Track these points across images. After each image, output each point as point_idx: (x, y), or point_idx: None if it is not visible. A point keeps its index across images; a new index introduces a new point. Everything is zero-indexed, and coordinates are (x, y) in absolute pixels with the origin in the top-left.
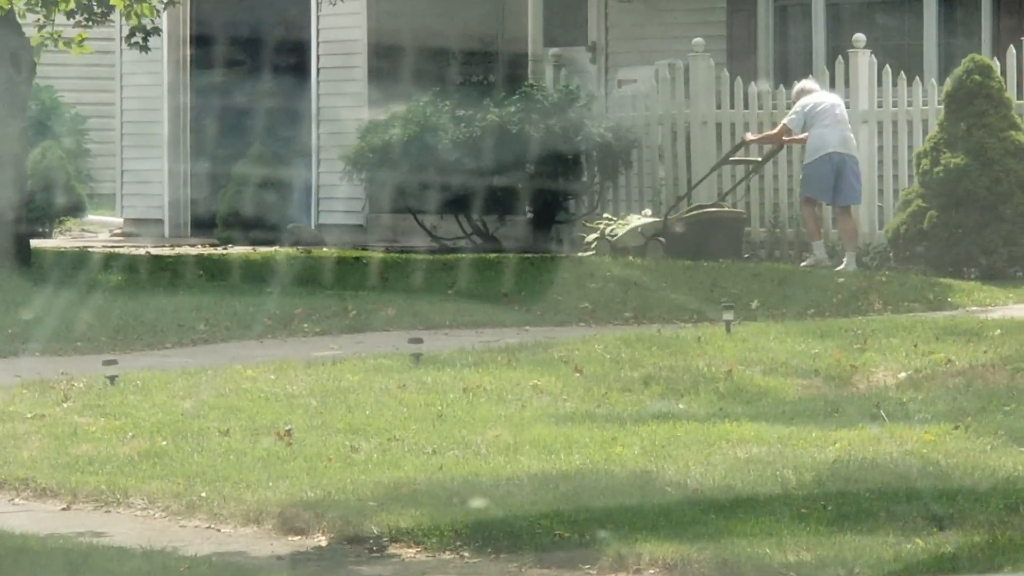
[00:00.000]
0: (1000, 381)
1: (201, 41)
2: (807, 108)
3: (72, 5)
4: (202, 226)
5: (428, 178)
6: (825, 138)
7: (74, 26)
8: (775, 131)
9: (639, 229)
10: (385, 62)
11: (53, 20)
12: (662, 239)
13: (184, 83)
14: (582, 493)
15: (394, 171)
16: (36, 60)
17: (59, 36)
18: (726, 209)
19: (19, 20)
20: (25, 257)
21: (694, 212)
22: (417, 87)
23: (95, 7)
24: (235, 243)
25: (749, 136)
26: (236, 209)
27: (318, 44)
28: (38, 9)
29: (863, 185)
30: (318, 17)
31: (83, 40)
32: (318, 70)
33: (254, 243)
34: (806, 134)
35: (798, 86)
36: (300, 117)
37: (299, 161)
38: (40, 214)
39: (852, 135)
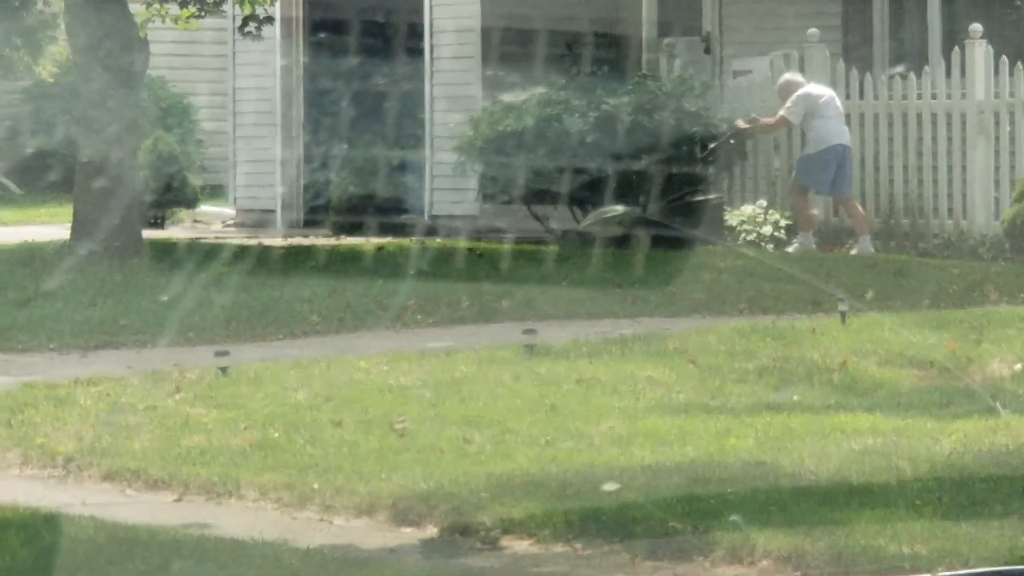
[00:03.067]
0: None
1: (315, 26)
2: (807, 100)
3: None
4: (316, 216)
5: (541, 169)
6: (831, 130)
7: (186, 16)
8: (773, 122)
9: (616, 217)
10: (499, 46)
11: None
12: (643, 227)
13: (297, 70)
14: (696, 485)
15: (507, 162)
16: (142, 34)
17: (166, 13)
18: (707, 196)
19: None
20: (137, 248)
21: (673, 200)
22: (530, 72)
23: None
24: (348, 233)
25: (741, 123)
26: (349, 200)
27: (432, 27)
28: None
29: (979, 175)
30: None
31: (190, 17)
32: (432, 54)
33: (367, 234)
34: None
35: (784, 79)
36: (414, 101)
37: (413, 151)
38: (152, 205)
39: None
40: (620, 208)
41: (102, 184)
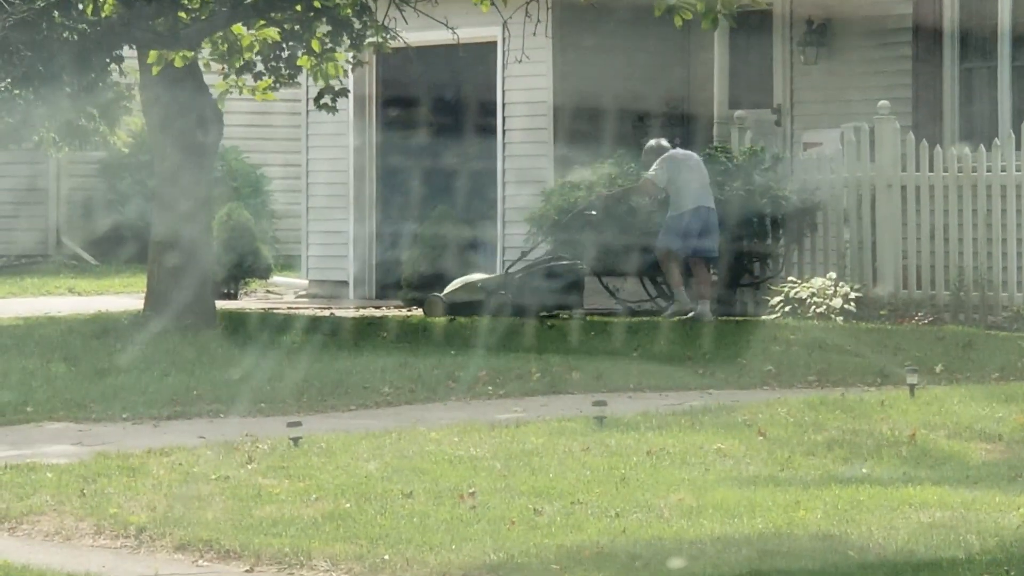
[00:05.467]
0: None
1: (387, 102)
2: (671, 163)
3: (255, 51)
4: (388, 288)
5: (612, 240)
6: (693, 192)
7: (263, 88)
8: (639, 185)
9: (479, 284)
10: (570, 123)
11: (236, 67)
12: (504, 293)
13: (370, 144)
14: (765, 557)
15: (578, 233)
16: (221, 107)
17: (243, 84)
18: (564, 261)
19: (203, 70)
20: (210, 320)
21: (532, 265)
22: (602, 148)
23: (283, 69)
24: (420, 305)
25: (604, 192)
26: (421, 271)
27: (503, 105)
28: (224, 61)
29: None
30: (504, 78)
31: (266, 88)
32: (503, 131)
33: None
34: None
35: (651, 143)
36: (485, 178)
37: (485, 222)
38: (225, 275)
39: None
40: (480, 276)
41: (175, 261)
